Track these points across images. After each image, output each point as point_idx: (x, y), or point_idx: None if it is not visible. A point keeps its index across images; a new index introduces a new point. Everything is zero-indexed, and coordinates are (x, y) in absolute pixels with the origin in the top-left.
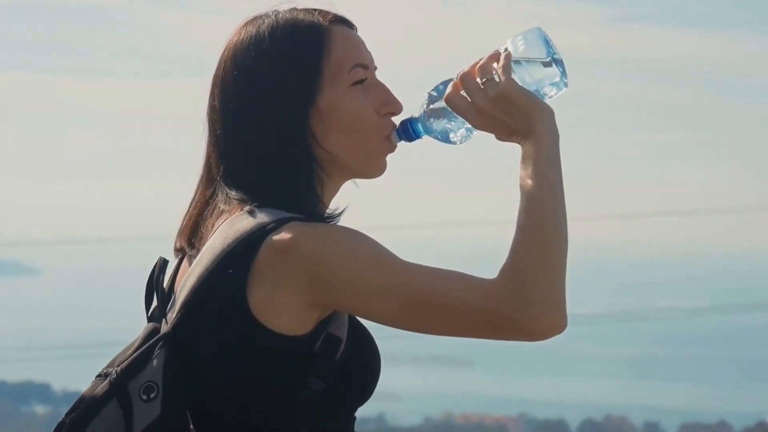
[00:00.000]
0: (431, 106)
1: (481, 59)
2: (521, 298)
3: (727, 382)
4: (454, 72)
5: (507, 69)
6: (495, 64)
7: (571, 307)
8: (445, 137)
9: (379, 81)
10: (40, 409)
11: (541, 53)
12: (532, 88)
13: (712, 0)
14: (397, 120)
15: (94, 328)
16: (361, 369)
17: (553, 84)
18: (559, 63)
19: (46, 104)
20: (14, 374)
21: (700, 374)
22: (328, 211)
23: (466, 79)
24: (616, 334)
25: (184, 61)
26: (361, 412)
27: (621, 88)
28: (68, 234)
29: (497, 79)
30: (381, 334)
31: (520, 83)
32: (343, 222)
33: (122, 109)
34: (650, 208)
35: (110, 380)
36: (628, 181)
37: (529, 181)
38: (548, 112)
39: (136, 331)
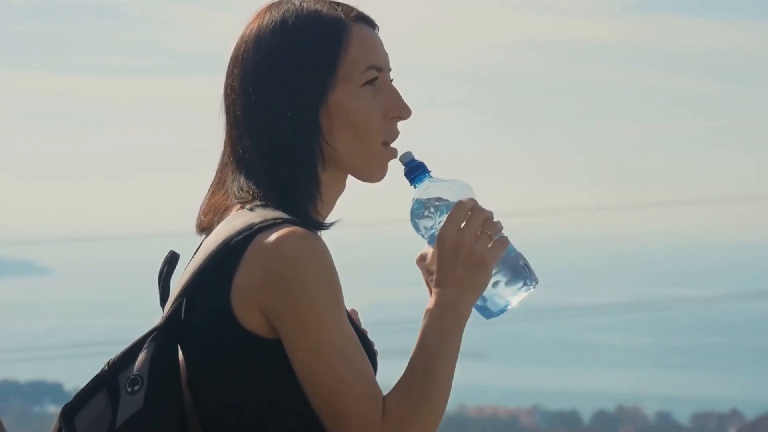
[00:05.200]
0: (432, 196)
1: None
2: None
3: (741, 370)
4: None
5: (497, 252)
6: (494, 223)
7: (586, 298)
8: (418, 216)
9: (391, 84)
10: (52, 409)
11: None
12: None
13: None
14: (401, 145)
15: (106, 326)
16: None
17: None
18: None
19: (58, 103)
20: (27, 374)
21: (715, 363)
22: (328, 215)
23: (473, 213)
24: (631, 324)
25: (199, 58)
26: None
27: (638, 78)
28: (80, 232)
29: (488, 244)
30: (396, 327)
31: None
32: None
33: (135, 107)
34: (668, 197)
35: (101, 371)
36: (648, 170)
37: (440, 338)
38: (477, 296)
39: (148, 328)
